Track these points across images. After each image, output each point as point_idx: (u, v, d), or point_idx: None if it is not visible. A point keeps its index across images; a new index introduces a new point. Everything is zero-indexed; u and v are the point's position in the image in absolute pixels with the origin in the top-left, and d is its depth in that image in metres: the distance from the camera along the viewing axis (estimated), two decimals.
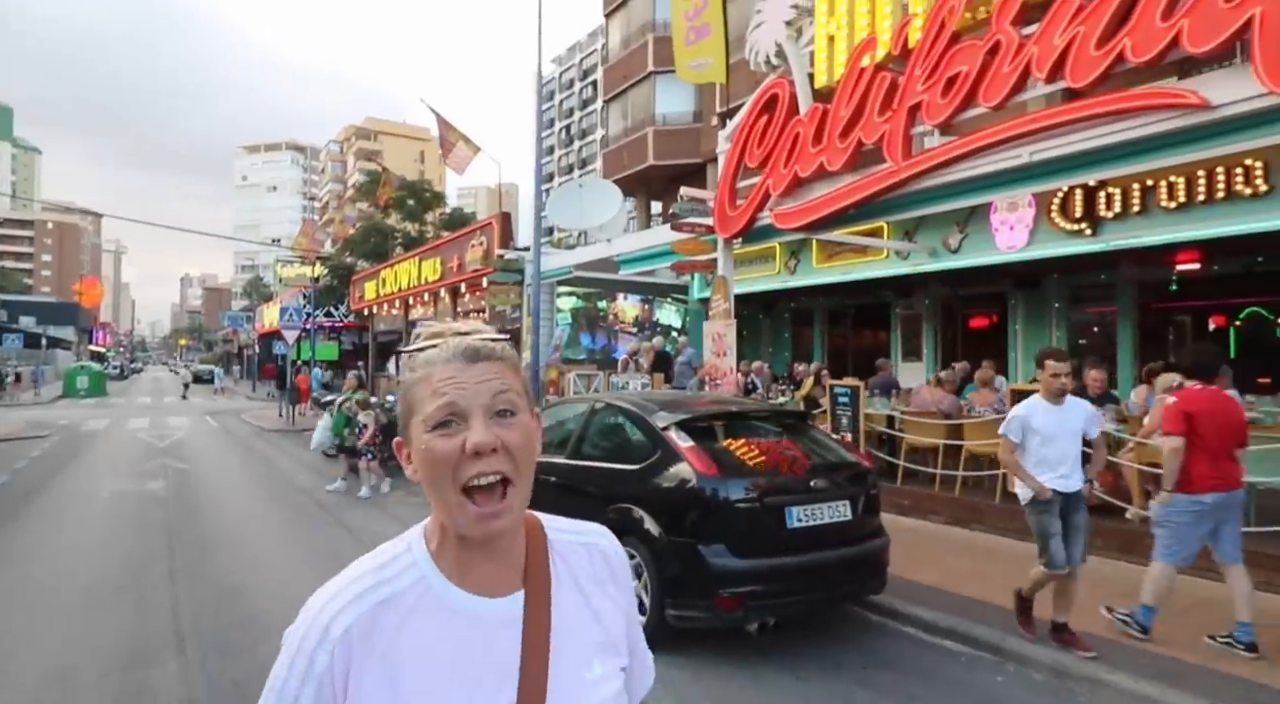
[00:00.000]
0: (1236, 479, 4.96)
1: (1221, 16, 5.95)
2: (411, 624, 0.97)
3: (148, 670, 4.72)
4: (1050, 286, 14.35)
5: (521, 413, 1.00)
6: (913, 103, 8.43)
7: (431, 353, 1.01)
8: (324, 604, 0.98)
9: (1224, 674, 4.41)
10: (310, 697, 0.94)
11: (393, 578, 1.00)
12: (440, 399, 0.96)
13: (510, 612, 1.01)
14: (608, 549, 1.15)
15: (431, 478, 0.97)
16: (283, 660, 0.97)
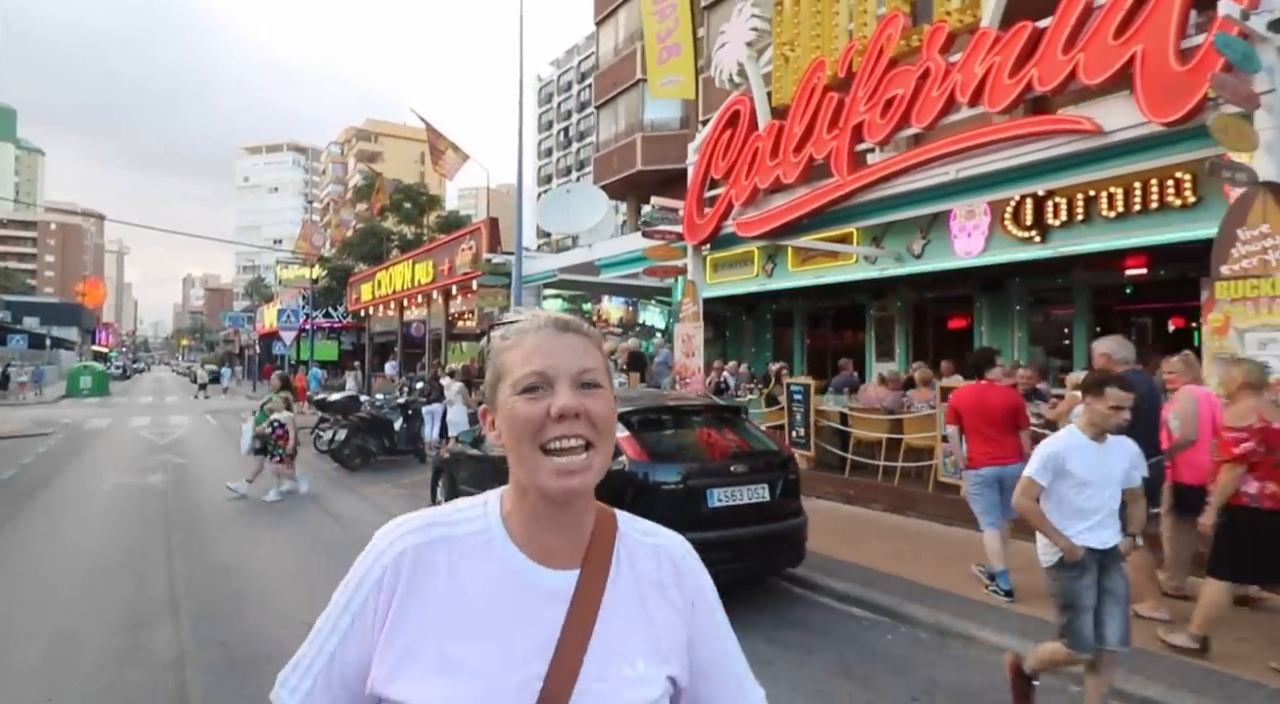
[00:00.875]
0: (1012, 454, 5.92)
1: (1111, 52, 6.62)
2: (464, 569, 1.00)
3: (145, 633, 5.39)
4: (1013, 290, 15.00)
5: (605, 387, 1.02)
6: (856, 122, 9.11)
7: (524, 323, 1.05)
8: (393, 528, 1.05)
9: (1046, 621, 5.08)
10: (360, 601, 1.01)
11: (459, 522, 1.04)
12: (529, 365, 0.99)
13: (563, 586, 1.02)
14: (676, 554, 1.14)
15: (515, 438, 0.99)
16: (355, 566, 1.04)
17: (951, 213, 12.64)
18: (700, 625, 1.11)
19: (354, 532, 8.60)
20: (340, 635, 1.01)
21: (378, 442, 13.68)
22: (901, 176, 8.77)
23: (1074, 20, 6.93)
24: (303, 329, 26.96)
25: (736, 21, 11.13)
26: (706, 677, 1.11)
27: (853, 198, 9.40)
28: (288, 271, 40.90)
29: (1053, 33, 7.08)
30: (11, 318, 49.36)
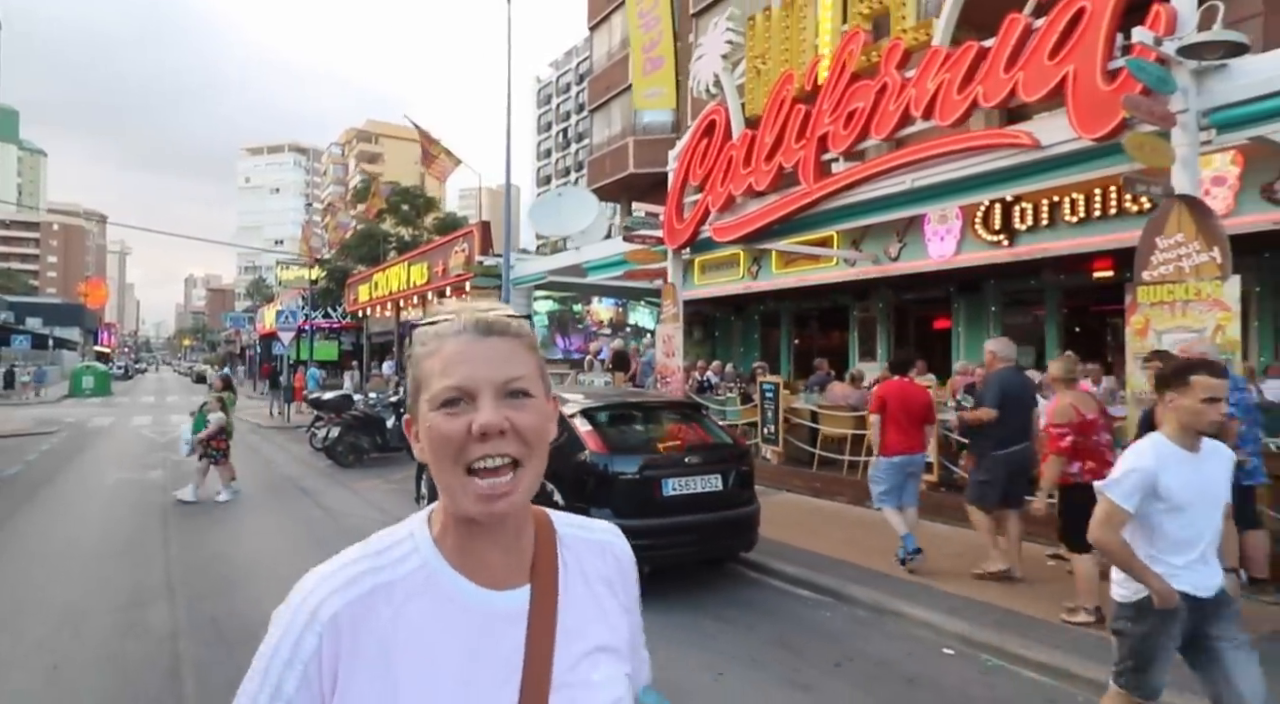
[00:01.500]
0: (919, 446, 6.62)
1: (1047, 72, 7.08)
2: (408, 613, 0.92)
3: (143, 611, 5.86)
4: (988, 291, 15.50)
5: (536, 395, 0.95)
6: (821, 133, 9.55)
7: (443, 326, 0.96)
8: (315, 585, 0.94)
9: (981, 602, 5.56)
10: (295, 680, 0.89)
11: (391, 563, 0.95)
12: (448, 376, 0.92)
13: (515, 606, 0.97)
14: (617, 548, 1.11)
15: (435, 458, 0.93)
16: (269, 641, 0.92)
17: (925, 217, 13.14)
18: (634, 611, 1.12)
19: (343, 523, 9.07)
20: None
21: (370, 439, 14.14)
22: (863, 185, 9.20)
23: (1014, 41, 7.37)
24: (301, 329, 27.40)
25: (712, 34, 11.57)
26: (632, 653, 1.11)
27: (820, 205, 9.83)
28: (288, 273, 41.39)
29: (995, 52, 7.52)
30: (14, 318, 49.81)
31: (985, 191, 8.51)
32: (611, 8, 27.35)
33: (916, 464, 6.74)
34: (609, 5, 27.35)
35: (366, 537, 1.00)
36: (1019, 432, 6.20)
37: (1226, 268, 5.99)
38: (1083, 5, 6.79)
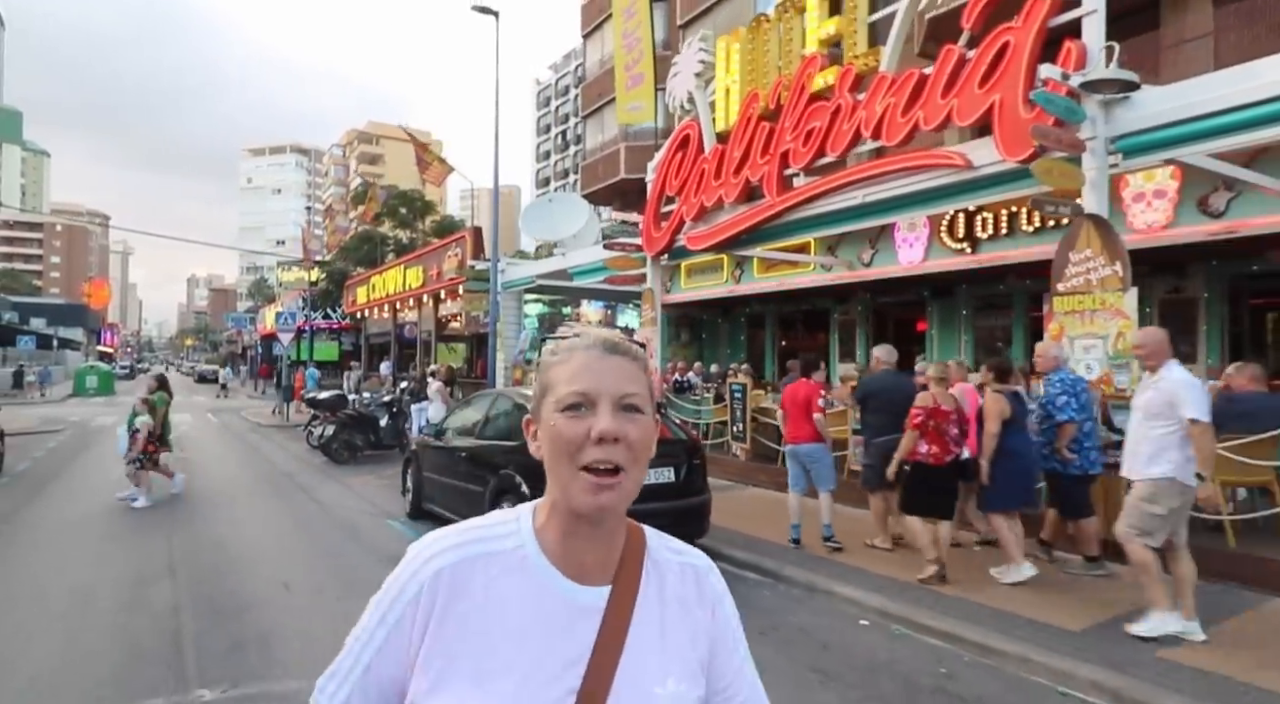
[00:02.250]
0: (809, 436, 7.46)
1: (978, 99, 7.71)
2: (499, 587, 1.01)
3: (147, 589, 6.49)
4: (960, 295, 16.11)
5: (646, 413, 1.04)
6: (784, 149, 10.19)
7: (574, 341, 1.07)
8: (429, 543, 1.06)
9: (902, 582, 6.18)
10: (396, 616, 1.02)
11: (493, 538, 1.05)
12: (575, 384, 1.01)
13: (594, 602, 1.04)
14: (701, 571, 1.16)
15: (554, 455, 1.01)
16: (389, 580, 1.06)
17: (896, 225, 13.75)
18: (719, 637, 1.14)
19: (335, 515, 9.71)
20: (376, 647, 1.03)
21: (364, 437, 14.77)
22: (820, 199, 9.84)
23: (950, 69, 8.01)
24: (300, 330, 28.07)
25: (687, 54, 12.22)
26: (722, 688, 1.14)
27: (783, 216, 10.47)
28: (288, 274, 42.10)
29: (934, 80, 8.16)
30: (19, 319, 50.49)
31: (927, 206, 9.13)
32: (603, 17, 27.94)
33: (817, 451, 7.55)
34: (601, 15, 27.97)
35: (356, 528, 1.52)
36: (891, 423, 6.96)
37: (1126, 280, 6.62)
38: (1007, 40, 7.42)
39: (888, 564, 6.87)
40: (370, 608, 1.07)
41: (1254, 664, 4.58)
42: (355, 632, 1.07)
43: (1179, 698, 4.15)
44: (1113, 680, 4.40)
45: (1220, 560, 6.15)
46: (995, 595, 5.93)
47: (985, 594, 5.97)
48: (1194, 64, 12.42)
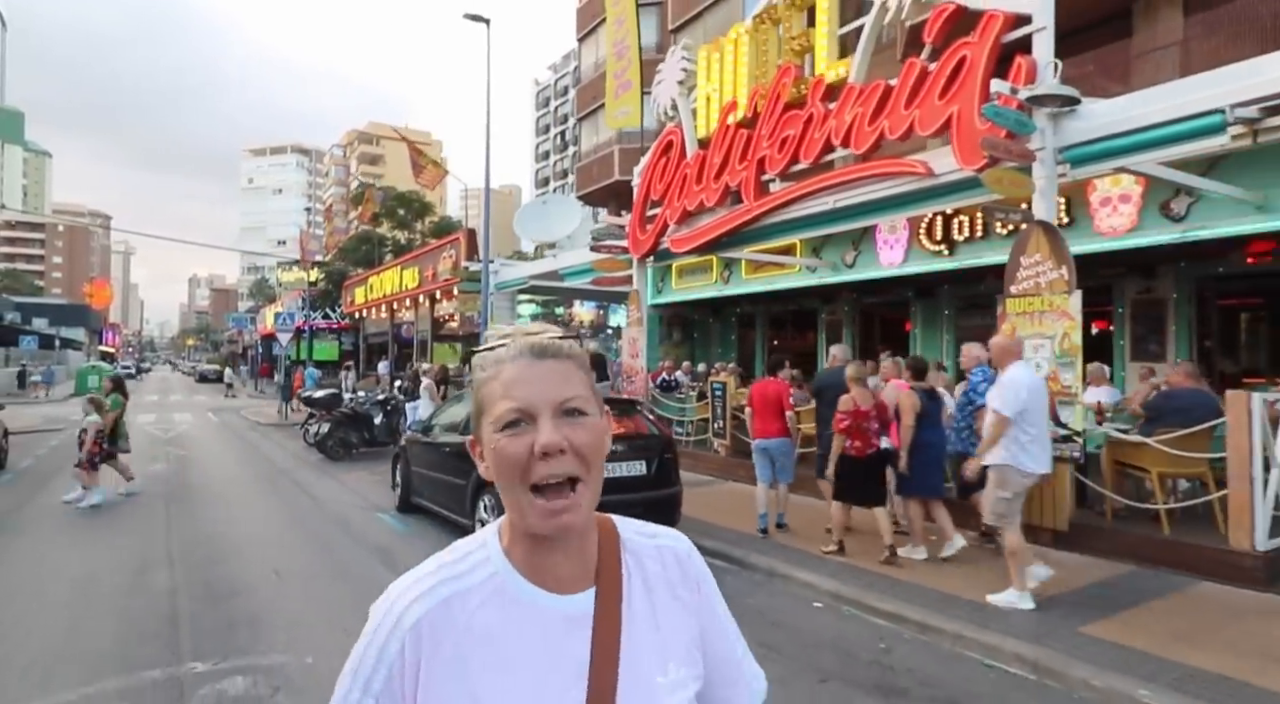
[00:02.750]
0: (778, 432, 7.87)
1: (938, 110, 8.09)
2: (482, 618, 0.99)
3: (147, 575, 6.87)
4: (943, 296, 16.47)
5: (591, 413, 1.00)
6: (760, 156, 10.55)
7: (500, 351, 1.02)
8: (398, 595, 1.01)
9: (857, 567, 6.57)
10: (382, 679, 0.97)
11: (465, 573, 1.02)
12: (509, 399, 0.97)
13: (581, 609, 1.02)
14: (680, 552, 1.15)
15: (501, 478, 0.98)
16: (360, 644, 1.01)
17: (878, 227, 14.11)
18: (707, 616, 1.14)
19: (327, 509, 10.09)
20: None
21: (358, 434, 15.16)
22: (795, 204, 10.22)
23: (913, 81, 8.38)
24: (299, 330, 28.46)
25: (670, 62, 12.59)
26: (713, 664, 1.13)
27: (760, 220, 10.85)
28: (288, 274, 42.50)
29: (898, 91, 8.53)
30: (21, 319, 50.87)
31: (893, 212, 9.53)
32: (597, 21, 28.31)
33: (782, 446, 7.99)
34: (595, 19, 28.34)
35: (348, 521, 1.68)
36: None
37: (1071, 283, 6.99)
38: (964, 54, 7.80)
39: (849, 552, 7.24)
40: (344, 682, 1.00)
41: (1168, 639, 4.95)
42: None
43: (1087, 667, 4.53)
44: (1032, 653, 4.78)
45: (1154, 547, 6.53)
46: (944, 580, 6.31)
47: (934, 579, 6.35)
48: (1163, 71, 12.76)
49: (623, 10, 14.07)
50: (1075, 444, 7.00)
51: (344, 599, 6.25)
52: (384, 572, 7.07)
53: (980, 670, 4.82)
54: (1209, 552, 6.16)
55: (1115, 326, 14.00)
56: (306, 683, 4.52)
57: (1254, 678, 4.37)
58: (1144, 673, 4.45)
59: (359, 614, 1.04)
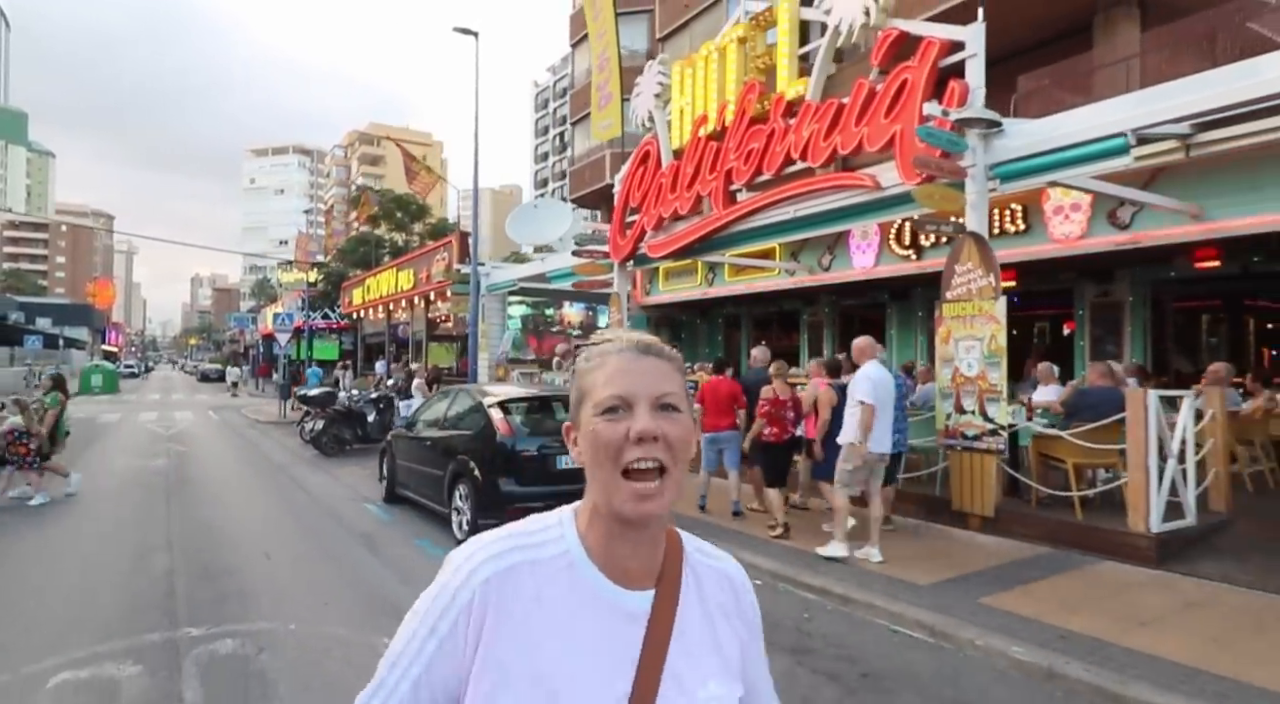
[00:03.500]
0: (728, 425, 8.63)
1: (884, 128, 8.70)
2: (549, 592, 1.03)
3: (147, 558, 7.49)
4: (916, 298, 17.10)
5: (683, 412, 1.05)
6: (727, 167, 11.16)
7: (607, 345, 1.09)
8: (474, 551, 1.07)
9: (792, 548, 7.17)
10: (449, 623, 1.02)
11: (539, 544, 1.07)
12: (611, 387, 1.03)
13: (640, 606, 1.05)
14: (736, 580, 1.19)
15: (595, 459, 1.02)
16: (430, 590, 1.06)
17: (850, 233, 14.74)
18: (750, 648, 1.18)
19: (319, 500, 10.71)
20: (426, 661, 1.03)
21: (352, 431, 15.78)
22: (759, 213, 10.82)
23: (862, 100, 8.98)
24: (298, 330, 29.08)
25: (647, 76, 13.19)
26: (749, 698, 1.17)
27: (728, 228, 11.45)
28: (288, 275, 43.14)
29: (849, 109, 9.14)
30: (25, 319, 51.55)
31: (847, 221, 10.13)
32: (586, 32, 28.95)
33: (729, 438, 8.79)
34: (586, 27, 28.97)
35: (337, 511, 1.99)
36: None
37: (997, 290, 7.61)
38: (906, 77, 8.41)
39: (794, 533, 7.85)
40: (412, 621, 1.06)
41: (1056, 607, 5.56)
42: (396, 647, 1.06)
43: (976, 630, 5.14)
44: (931, 619, 5.39)
45: (1068, 531, 7.15)
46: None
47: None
48: (1120, 83, 13.37)
49: (603, 24, 14.68)
50: (1000, 437, 7.61)
51: (327, 577, 6.87)
52: (366, 554, 7.70)
53: (886, 635, 5.44)
54: (1112, 534, 6.78)
55: (1076, 328, 14.64)
56: (288, 644, 5.14)
57: (1119, 639, 4.98)
58: (1023, 635, 5.06)
59: (340, 590, 1.58)
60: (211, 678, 4.60)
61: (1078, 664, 4.57)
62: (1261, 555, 6.49)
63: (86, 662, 4.82)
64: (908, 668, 4.86)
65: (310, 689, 4.45)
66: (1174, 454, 6.69)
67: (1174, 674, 4.41)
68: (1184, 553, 6.59)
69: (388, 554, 7.70)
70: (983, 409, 7.76)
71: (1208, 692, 4.19)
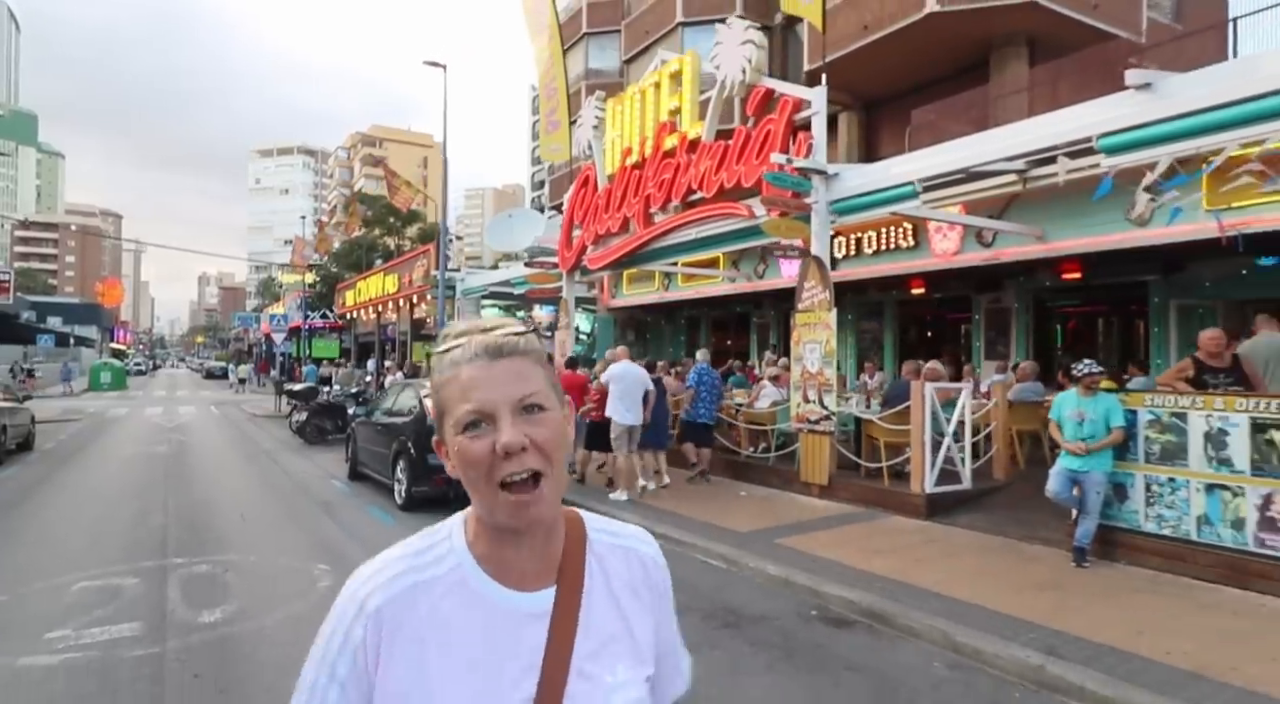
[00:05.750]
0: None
1: (755, 168, 10.50)
2: (442, 609, 1.02)
3: (146, 519, 9.34)
4: (846, 304, 18.87)
5: (550, 408, 1.02)
6: (646, 193, 12.98)
7: (456, 353, 1.03)
8: (363, 582, 1.05)
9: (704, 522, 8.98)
10: (347, 663, 1.01)
11: (428, 564, 1.05)
12: (467, 401, 0.99)
13: (540, 606, 1.05)
14: (645, 555, 1.18)
15: (468, 477, 1.00)
16: (325, 630, 1.05)
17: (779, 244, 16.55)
18: (661, 615, 1.18)
19: (294, 478, 12.58)
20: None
21: (332, 422, 17.64)
22: (671, 233, 12.65)
23: (740, 144, 10.80)
24: (294, 329, 30.96)
25: (586, 110, 15.01)
26: (660, 657, 1.18)
27: (649, 245, 13.28)
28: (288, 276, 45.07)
29: (731, 151, 10.95)
30: (36, 318, 53.40)
31: (733, 243, 11.97)
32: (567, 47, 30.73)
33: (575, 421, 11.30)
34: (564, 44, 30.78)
35: (307, 485, 3.32)
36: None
37: (831, 302, 9.44)
38: (769, 128, 10.22)
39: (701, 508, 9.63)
40: (312, 665, 1.05)
41: (829, 544, 7.38)
42: (302, 685, 1.04)
43: (761, 560, 6.95)
44: (733, 553, 7.21)
45: (875, 494, 9.02)
46: (695, 509, 8.88)
47: (690, 508, 8.91)
48: (1012, 113, 15.18)
49: (551, 53, 16.50)
50: (832, 421, 9.44)
51: (288, 531, 8.73)
52: (322, 515, 9.56)
53: (696, 564, 7.27)
54: (900, 495, 8.63)
55: (973, 331, 16.42)
56: (247, 568, 7.00)
57: (858, 563, 6.78)
58: (787, 561, 6.88)
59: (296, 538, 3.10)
60: (189, 586, 6.47)
61: (803, 575, 6.41)
62: (1007, 510, 8.28)
63: (98, 576, 6.70)
64: (696, 583, 6.69)
65: (255, 592, 6.32)
66: (949, 434, 8.52)
67: (868, 582, 6.23)
68: (952, 509, 8.41)
69: (341, 516, 9.55)
70: (821, 399, 9.58)
71: (874, 589, 6.02)
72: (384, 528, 8.84)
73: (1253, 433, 5.81)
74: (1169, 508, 6.33)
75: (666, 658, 1.21)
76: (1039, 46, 16.15)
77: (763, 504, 9.46)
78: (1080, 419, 6.52)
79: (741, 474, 11.32)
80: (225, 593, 6.28)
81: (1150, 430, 6.49)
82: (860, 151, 20.24)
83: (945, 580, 6.19)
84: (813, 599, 6.15)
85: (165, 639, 5.21)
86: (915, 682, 4.62)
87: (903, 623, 5.42)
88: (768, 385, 11.50)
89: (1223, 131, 6.26)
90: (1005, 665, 4.69)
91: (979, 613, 5.43)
